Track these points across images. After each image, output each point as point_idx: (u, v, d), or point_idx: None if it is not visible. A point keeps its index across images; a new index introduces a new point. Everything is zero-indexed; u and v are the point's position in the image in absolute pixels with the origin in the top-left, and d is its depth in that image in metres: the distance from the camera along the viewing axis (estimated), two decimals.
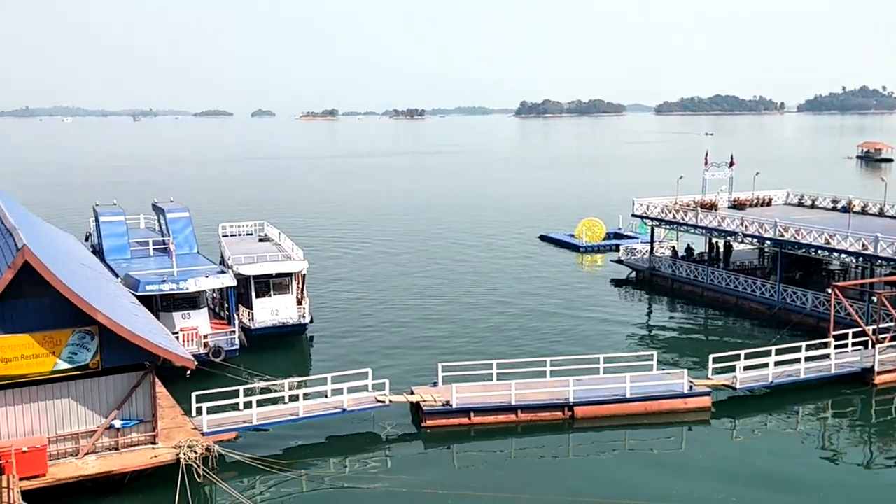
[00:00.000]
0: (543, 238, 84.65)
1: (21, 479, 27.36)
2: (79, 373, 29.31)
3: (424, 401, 35.70)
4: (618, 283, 64.72)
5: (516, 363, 38.59)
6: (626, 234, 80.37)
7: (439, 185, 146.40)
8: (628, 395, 36.65)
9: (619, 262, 66.76)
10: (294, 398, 34.72)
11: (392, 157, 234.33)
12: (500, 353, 43.14)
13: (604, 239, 79.98)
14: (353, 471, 31.92)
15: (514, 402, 35.91)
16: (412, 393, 36.58)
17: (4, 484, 26.93)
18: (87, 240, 59.71)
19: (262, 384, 36.15)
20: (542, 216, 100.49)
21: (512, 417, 36.05)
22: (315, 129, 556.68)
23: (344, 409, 34.68)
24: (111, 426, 30.12)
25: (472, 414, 35.68)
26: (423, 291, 61.11)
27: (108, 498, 29.02)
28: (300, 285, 49.70)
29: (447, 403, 35.47)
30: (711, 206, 60.91)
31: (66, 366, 29.00)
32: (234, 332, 44.10)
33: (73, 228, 61.84)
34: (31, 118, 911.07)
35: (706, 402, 37.35)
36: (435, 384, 37.41)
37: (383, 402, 35.44)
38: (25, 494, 26.90)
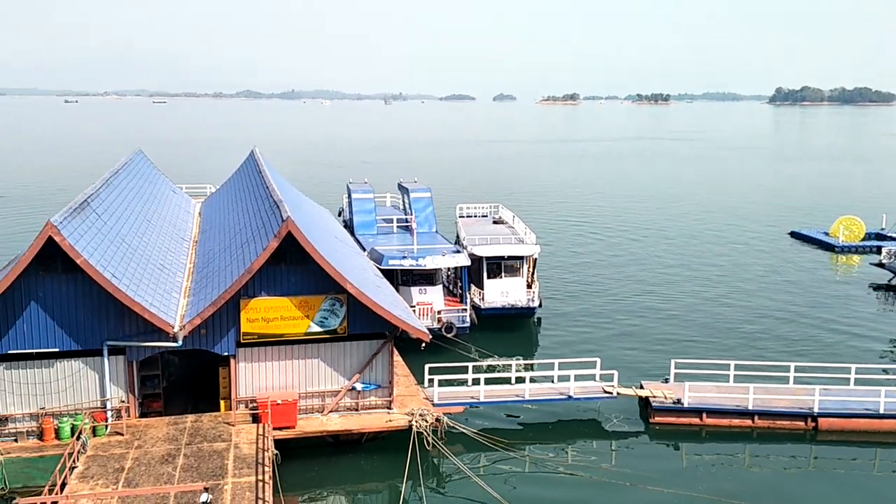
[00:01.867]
0: (794, 235, 78.99)
1: (274, 429, 30.19)
2: (328, 336, 31.73)
3: (654, 396, 34.75)
4: (877, 287, 58.85)
5: (755, 366, 36.42)
6: (889, 235, 73.04)
7: (681, 174, 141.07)
8: (882, 411, 33.35)
9: (880, 265, 60.60)
10: (520, 380, 35.22)
11: (632, 143, 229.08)
12: (737, 355, 41.00)
13: (863, 239, 73.34)
14: (575, 458, 31.83)
15: (751, 407, 33.94)
16: (641, 387, 35.74)
17: (260, 431, 29.87)
18: (339, 214, 64.28)
19: (491, 363, 37.01)
20: (793, 211, 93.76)
21: (748, 422, 34.11)
22: (555, 113, 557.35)
23: (570, 396, 34.64)
24: (353, 388, 32.32)
25: (704, 414, 34.22)
26: (657, 283, 59.34)
27: (346, 455, 31.18)
28: (531, 269, 50.18)
29: (678, 401, 34.29)
30: None
31: (317, 329, 31.52)
32: (465, 310, 45.50)
33: (328, 203, 66.84)
34: (296, 100, 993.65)
35: None
36: (666, 380, 36.29)
37: (611, 393, 34.96)
38: (277, 443, 29.63)
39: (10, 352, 28.88)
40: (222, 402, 31.85)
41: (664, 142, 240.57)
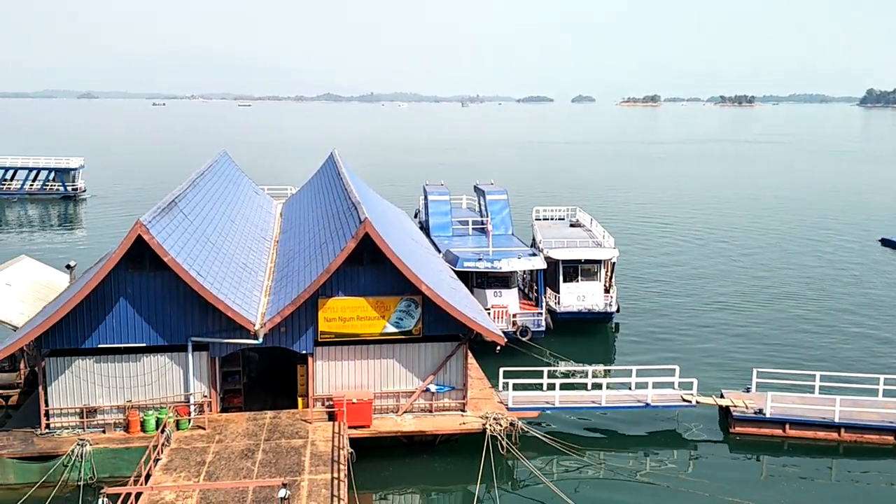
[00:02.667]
0: (885, 242, 75.78)
1: (349, 428, 30.58)
2: (403, 337, 31.97)
3: (735, 406, 33.84)
4: None
5: (842, 377, 35.07)
6: None
7: (764, 178, 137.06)
8: None
9: None
10: (596, 386, 34.78)
11: (715, 146, 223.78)
12: (821, 366, 39.56)
13: None
14: (653, 466, 31.25)
15: (837, 420, 32.71)
16: (722, 396, 34.85)
17: (336, 430, 30.31)
18: (415, 216, 64.72)
19: (566, 368, 36.66)
20: (884, 217, 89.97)
21: (833, 435, 32.88)
22: (635, 114, 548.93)
23: (647, 404, 34.03)
24: (427, 390, 32.47)
25: (787, 426, 33.14)
26: (740, 290, 57.79)
27: (420, 456, 31.35)
28: (609, 273, 49.52)
29: (760, 411, 33.29)
30: None
31: (392, 330, 31.80)
32: (541, 313, 45.20)
33: (404, 205, 67.39)
34: (375, 103, 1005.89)
35: None
36: (748, 390, 35.29)
37: (690, 401, 34.20)
38: (352, 442, 29.99)
39: (100, 346, 30.07)
40: (300, 400, 32.46)
41: (749, 145, 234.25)
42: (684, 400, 34.29)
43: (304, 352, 31.66)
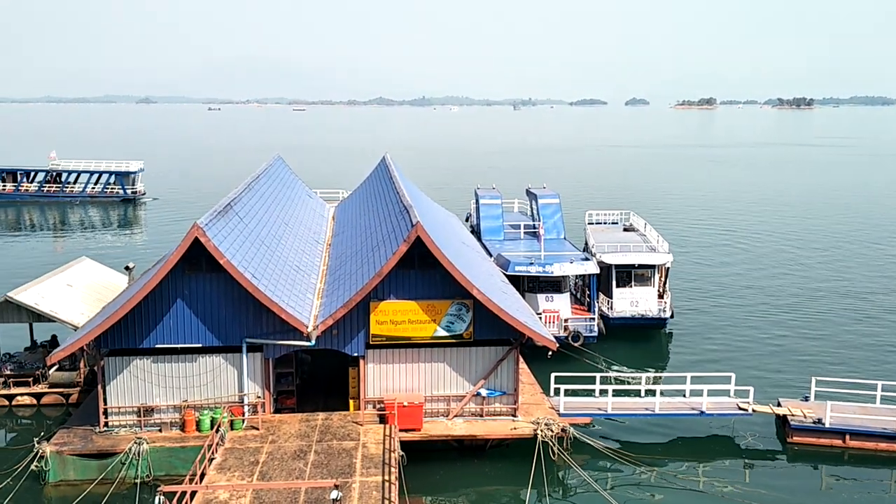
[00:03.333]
0: None
1: (400, 431, 30.66)
2: (454, 341, 31.94)
3: (793, 415, 33.01)
4: None
5: None
6: None
7: (828, 182, 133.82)
8: None
9: None
10: (650, 393, 34.27)
11: (773, 149, 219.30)
12: (884, 376, 38.38)
13: None
14: (707, 475, 30.64)
15: None
16: (779, 405, 34.03)
17: (387, 432, 30.41)
18: (467, 220, 64.73)
19: (619, 374, 36.22)
20: None
21: (895, 447, 31.90)
22: (690, 118, 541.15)
23: (702, 412, 33.39)
24: (477, 394, 32.38)
25: (847, 436, 32.20)
26: (798, 297, 56.44)
27: (471, 460, 31.26)
28: (663, 278, 48.80)
29: (819, 421, 32.42)
30: None
31: (443, 333, 31.80)
32: (593, 318, 44.74)
33: (455, 208, 67.45)
34: (426, 107, 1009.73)
35: None
36: (806, 398, 34.42)
37: (746, 410, 33.46)
38: (402, 445, 30.05)
39: (157, 346, 30.68)
40: (351, 402, 32.66)
41: (808, 148, 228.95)
42: (740, 408, 33.57)
43: (355, 354, 31.86)
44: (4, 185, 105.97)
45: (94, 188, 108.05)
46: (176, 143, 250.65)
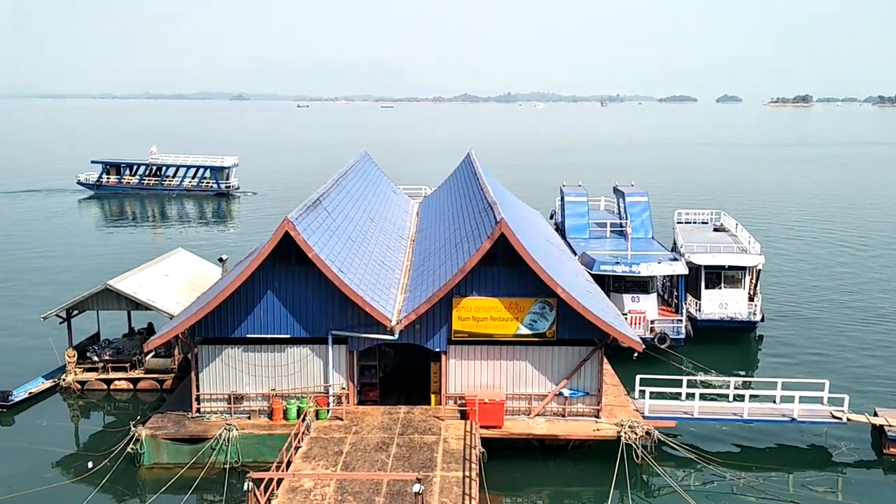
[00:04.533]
0: None
1: (480, 427, 30.72)
2: (537, 339, 31.79)
3: (890, 425, 31.59)
4: None
5: None
6: None
7: None
8: None
9: None
10: (738, 398, 33.33)
11: (873, 149, 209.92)
12: None
13: None
14: (798, 485, 29.61)
15: None
16: (875, 414, 32.61)
17: (468, 428, 30.51)
18: (551, 217, 64.23)
19: (706, 377, 35.37)
20: None
21: None
22: (784, 116, 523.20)
23: (793, 419, 32.28)
24: (560, 394, 32.14)
25: None
26: (893, 305, 53.95)
27: (552, 460, 31.07)
28: (754, 280, 47.37)
29: None
30: None
31: (526, 331, 31.68)
32: (681, 320, 43.79)
33: (540, 205, 67.01)
34: (512, 103, 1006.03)
35: None
36: None
37: (840, 418, 32.20)
38: (483, 441, 30.11)
39: (247, 335, 31.59)
40: (432, 397, 32.91)
41: None
42: (834, 417, 32.31)
43: (437, 350, 32.07)
44: (109, 178, 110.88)
45: (190, 182, 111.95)
46: (268, 138, 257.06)
